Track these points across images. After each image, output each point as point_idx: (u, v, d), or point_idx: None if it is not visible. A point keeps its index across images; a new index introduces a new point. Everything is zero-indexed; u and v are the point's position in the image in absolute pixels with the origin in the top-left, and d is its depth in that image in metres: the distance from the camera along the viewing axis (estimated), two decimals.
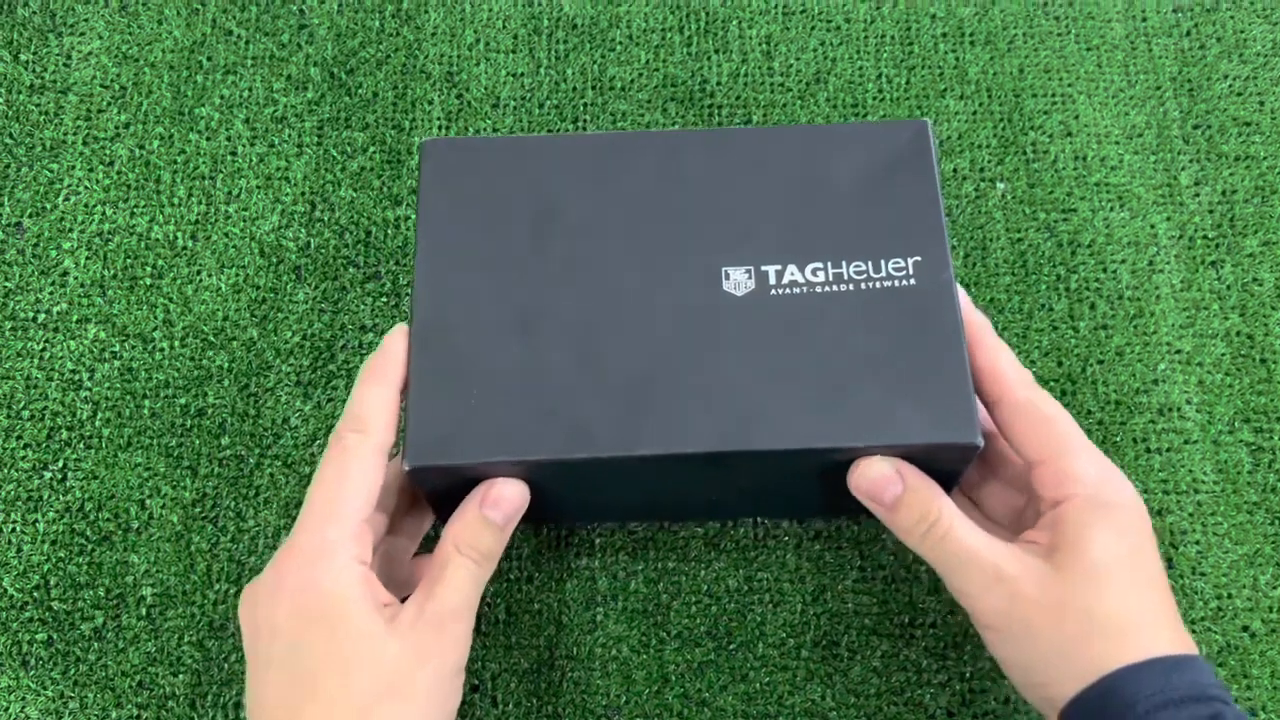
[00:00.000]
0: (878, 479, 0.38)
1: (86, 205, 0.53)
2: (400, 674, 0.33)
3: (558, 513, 0.46)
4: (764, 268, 0.41)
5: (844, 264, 0.41)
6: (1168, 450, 0.49)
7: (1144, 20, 0.57)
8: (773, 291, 0.40)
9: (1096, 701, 0.34)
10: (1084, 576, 0.35)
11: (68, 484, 0.48)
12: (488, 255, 0.41)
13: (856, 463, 0.39)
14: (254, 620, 0.35)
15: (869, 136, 0.43)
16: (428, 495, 0.42)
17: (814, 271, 0.40)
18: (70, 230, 0.53)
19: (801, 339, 0.39)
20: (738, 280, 0.40)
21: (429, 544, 0.44)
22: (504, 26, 0.57)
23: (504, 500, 0.38)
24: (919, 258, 0.41)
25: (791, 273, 0.40)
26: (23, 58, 0.56)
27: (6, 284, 0.52)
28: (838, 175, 0.42)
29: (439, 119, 0.55)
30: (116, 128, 0.55)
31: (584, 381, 0.39)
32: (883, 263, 0.40)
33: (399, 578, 0.41)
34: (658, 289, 0.40)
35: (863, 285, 0.40)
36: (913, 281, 0.40)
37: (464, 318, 0.40)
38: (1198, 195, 0.54)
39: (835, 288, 0.40)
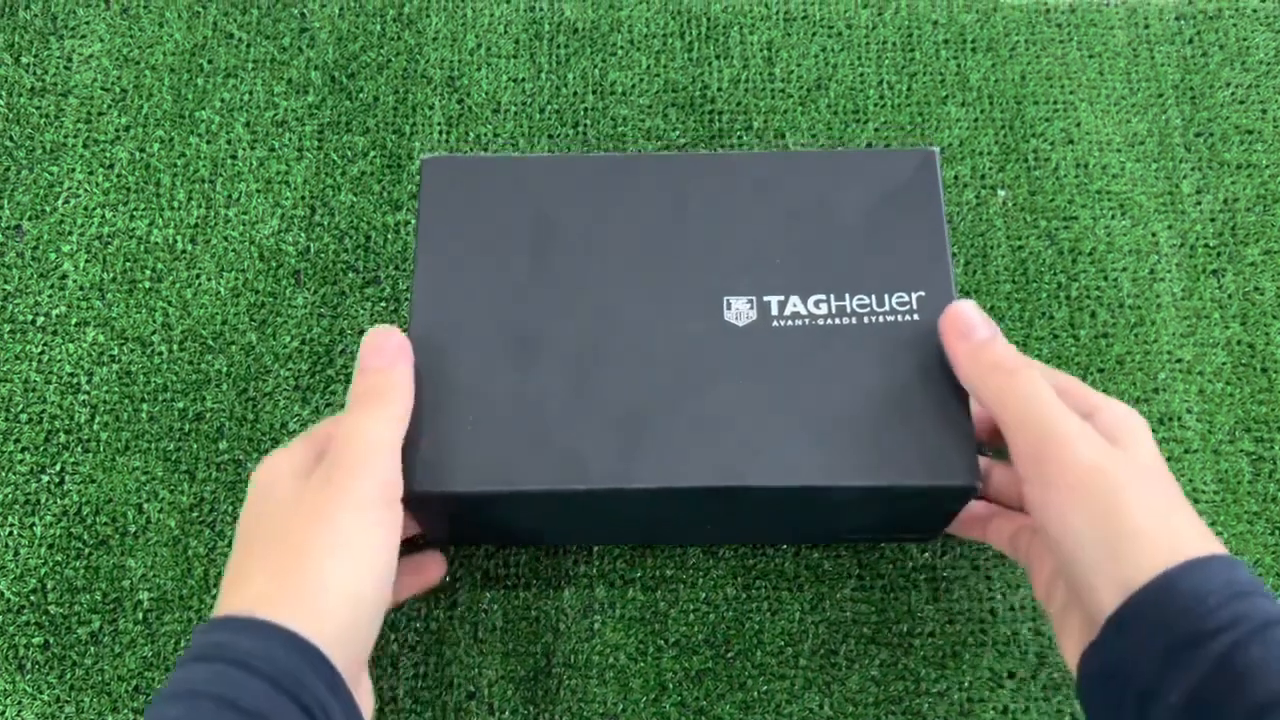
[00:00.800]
0: (971, 320, 0.38)
1: (86, 208, 0.53)
2: (315, 509, 0.35)
3: (552, 535, 0.46)
4: (766, 298, 0.40)
5: (847, 297, 0.40)
6: (1168, 459, 0.49)
7: (1146, 27, 0.57)
8: (774, 323, 0.40)
9: (1163, 592, 0.33)
10: (1144, 467, 0.36)
11: (65, 488, 0.48)
12: (486, 278, 0.41)
13: (948, 308, 0.39)
14: None
15: (875, 165, 0.42)
16: (417, 517, 0.41)
17: (817, 304, 0.40)
18: (70, 233, 0.53)
19: (802, 372, 0.39)
20: (739, 310, 0.40)
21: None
22: (505, 31, 0.57)
23: (370, 350, 0.38)
24: (923, 292, 0.40)
25: (794, 304, 0.40)
26: (24, 60, 0.56)
27: (6, 287, 0.52)
28: (843, 204, 0.42)
29: (440, 124, 0.55)
30: (117, 130, 0.55)
31: (580, 410, 0.38)
32: (886, 296, 0.40)
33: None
34: (658, 317, 0.40)
35: (865, 319, 0.40)
36: (916, 316, 0.40)
37: (461, 341, 0.40)
38: (1199, 203, 0.53)
39: (838, 321, 0.40)
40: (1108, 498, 0.35)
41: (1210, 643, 0.31)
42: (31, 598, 0.47)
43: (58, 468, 0.49)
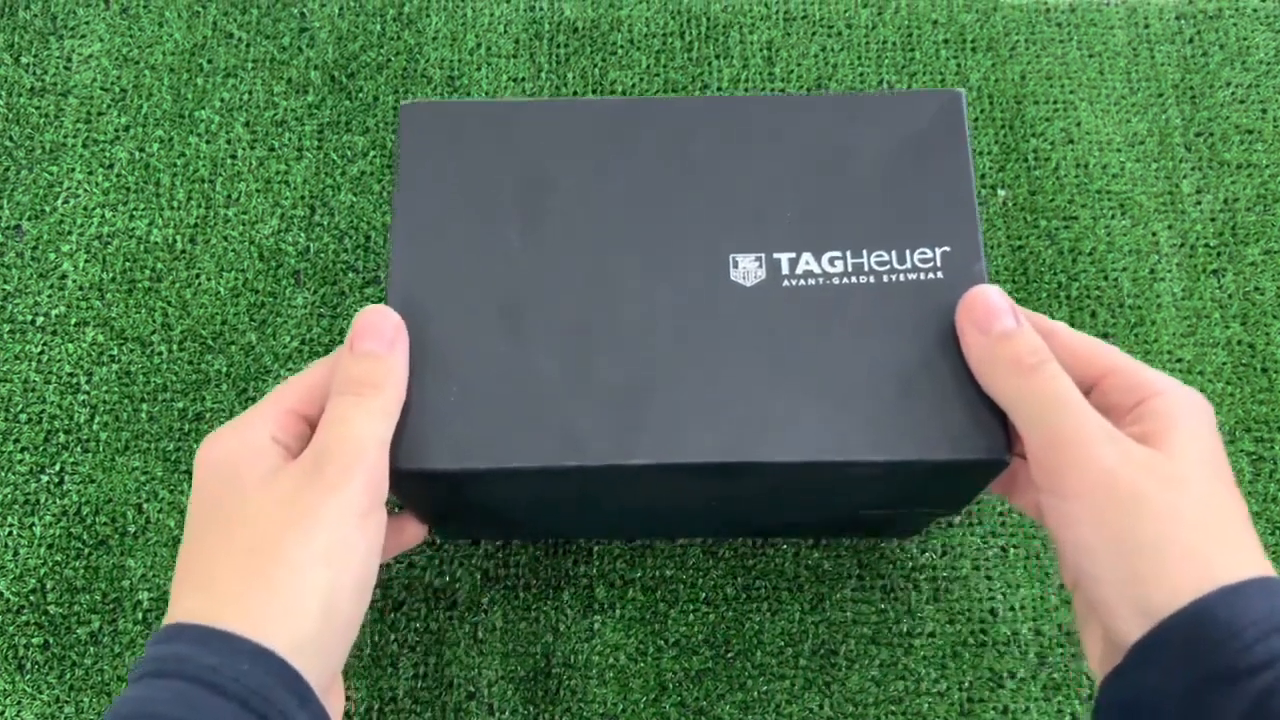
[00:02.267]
0: (994, 308, 0.34)
1: (86, 208, 0.53)
2: (299, 507, 0.32)
3: (545, 524, 0.45)
4: (776, 256, 0.37)
5: (864, 253, 0.37)
6: None
7: (1146, 27, 0.57)
8: (785, 283, 0.36)
9: (1194, 623, 0.29)
10: (1184, 474, 0.31)
11: (65, 488, 0.48)
12: (471, 235, 0.37)
13: (969, 291, 0.35)
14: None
15: (895, 108, 0.39)
16: (402, 496, 0.38)
17: (831, 261, 0.37)
18: (69, 233, 0.53)
19: (815, 337, 0.36)
20: (747, 269, 0.37)
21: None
22: (505, 31, 0.57)
23: (366, 331, 0.35)
24: (948, 248, 0.37)
25: (807, 262, 0.37)
26: (23, 60, 0.56)
27: (5, 287, 0.52)
28: (859, 152, 0.38)
29: None
30: (116, 130, 0.55)
31: (575, 381, 0.35)
32: (908, 253, 0.37)
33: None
34: (658, 277, 0.37)
35: (885, 278, 0.36)
36: (940, 275, 0.36)
37: (444, 306, 0.36)
38: (1199, 203, 0.53)
39: (854, 279, 0.36)
40: (1125, 509, 0.31)
41: (1247, 682, 0.28)
42: (31, 598, 0.47)
43: (57, 468, 0.49)
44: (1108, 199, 0.54)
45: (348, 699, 0.45)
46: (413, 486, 0.37)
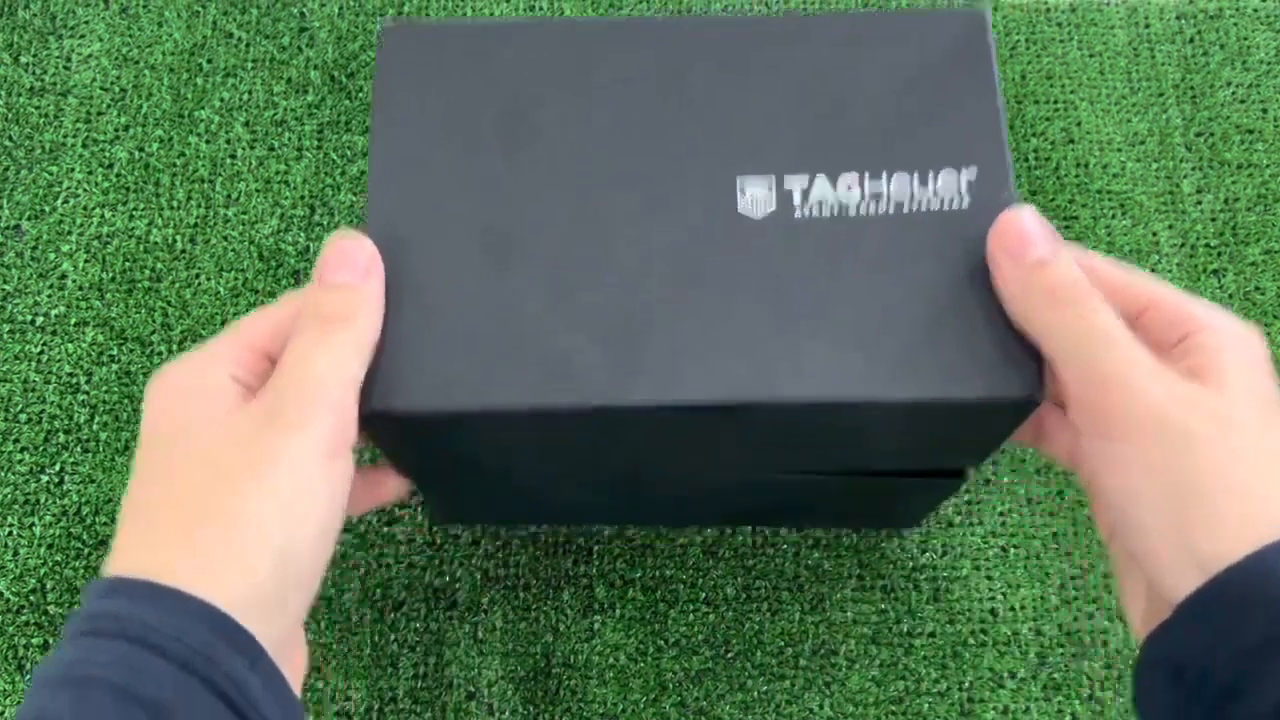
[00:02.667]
0: (1029, 234, 0.31)
1: (85, 208, 0.53)
2: (255, 450, 0.29)
3: (535, 504, 0.44)
4: (787, 183, 0.34)
5: (884, 175, 0.34)
6: None
7: (1147, 27, 0.57)
8: (798, 214, 0.34)
9: (1254, 576, 0.27)
10: (1236, 411, 0.29)
11: (65, 488, 0.48)
12: (454, 165, 0.35)
13: (1002, 215, 0.32)
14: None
15: (914, 28, 0.36)
16: (381, 444, 0.36)
17: (848, 187, 0.34)
18: (69, 233, 0.53)
19: (830, 272, 0.33)
20: (755, 196, 0.34)
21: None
22: None
23: (337, 260, 0.32)
24: (973, 173, 0.34)
25: (821, 187, 0.34)
26: (23, 60, 0.56)
27: (5, 287, 0.52)
28: (877, 73, 0.36)
29: None
30: (116, 130, 0.55)
31: (566, 317, 0.33)
32: (930, 176, 0.34)
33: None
34: (657, 208, 0.34)
35: (905, 208, 0.34)
36: (966, 203, 0.34)
37: (424, 239, 0.34)
38: (1200, 203, 0.53)
39: (872, 209, 0.34)
40: (1175, 448, 0.28)
41: None
42: (31, 598, 0.47)
43: (57, 468, 0.49)
44: (1108, 199, 0.54)
45: (348, 699, 0.45)
46: (389, 432, 0.34)
